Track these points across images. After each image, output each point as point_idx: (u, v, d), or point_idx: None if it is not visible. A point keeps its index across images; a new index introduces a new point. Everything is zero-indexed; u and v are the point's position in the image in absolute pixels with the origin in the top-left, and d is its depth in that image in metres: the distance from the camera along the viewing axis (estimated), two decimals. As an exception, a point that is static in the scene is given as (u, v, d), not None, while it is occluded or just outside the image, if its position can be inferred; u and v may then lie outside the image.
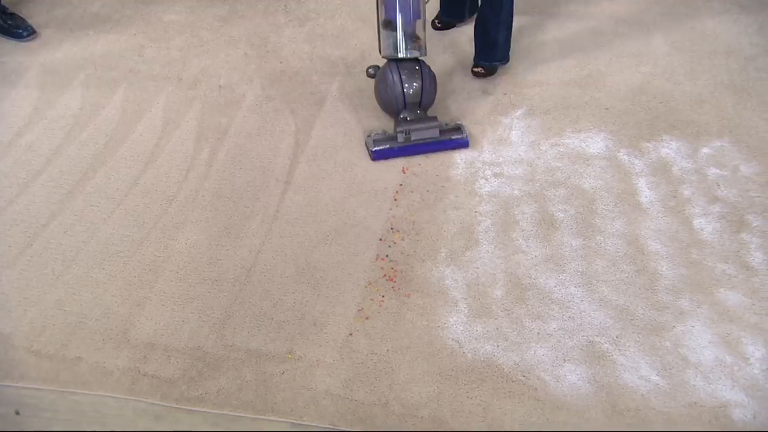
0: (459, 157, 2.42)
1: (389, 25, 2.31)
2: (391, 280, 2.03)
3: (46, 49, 2.94)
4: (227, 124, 2.59)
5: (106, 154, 2.45)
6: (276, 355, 1.84)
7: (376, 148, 2.39)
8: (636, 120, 2.55)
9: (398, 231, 2.17)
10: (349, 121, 2.60)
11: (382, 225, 2.20)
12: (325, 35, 3.05)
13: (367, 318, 1.93)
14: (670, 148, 2.42)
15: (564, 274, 2.03)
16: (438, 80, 2.57)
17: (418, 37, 2.34)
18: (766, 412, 1.67)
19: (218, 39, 3.03)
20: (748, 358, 1.79)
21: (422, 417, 1.70)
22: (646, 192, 2.27)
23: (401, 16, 2.31)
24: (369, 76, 2.53)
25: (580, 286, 2.00)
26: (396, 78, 2.36)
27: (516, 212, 2.23)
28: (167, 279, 2.03)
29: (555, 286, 2.00)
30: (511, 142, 2.49)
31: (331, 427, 1.68)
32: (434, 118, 2.41)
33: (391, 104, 2.41)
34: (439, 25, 3.05)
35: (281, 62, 2.90)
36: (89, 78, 2.80)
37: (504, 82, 2.71)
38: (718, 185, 2.27)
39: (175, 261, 2.09)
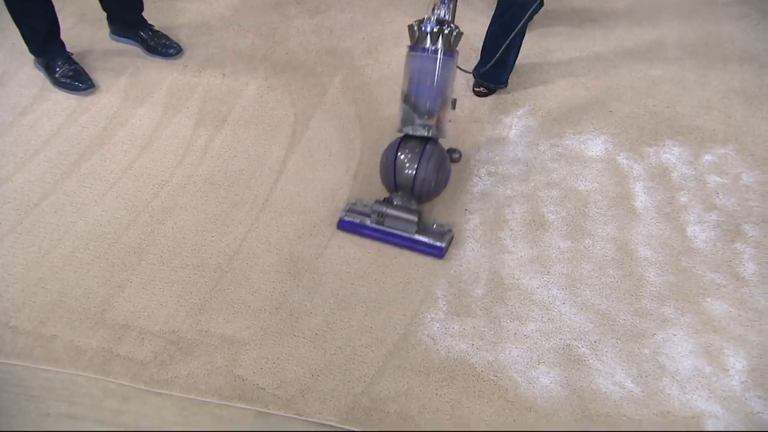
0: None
1: (406, 97, 2.05)
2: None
3: (57, 32, 2.97)
4: (227, 112, 2.60)
5: (104, 137, 2.47)
6: (249, 343, 1.84)
7: (345, 218, 2.12)
8: (639, 124, 2.50)
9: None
10: (349, 114, 2.59)
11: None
12: (333, 28, 3.04)
13: (344, 309, 1.92)
14: (671, 154, 2.37)
15: (548, 276, 2.00)
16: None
17: (433, 116, 2.03)
18: (740, 424, 1.62)
19: (228, 28, 3.04)
20: (728, 370, 1.74)
21: (389, 412, 1.69)
22: (641, 197, 2.22)
23: (417, 89, 2.01)
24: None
25: (563, 289, 1.96)
26: (392, 156, 2.06)
27: (506, 212, 2.20)
28: (150, 262, 2.04)
29: (537, 288, 1.97)
30: (509, 141, 2.46)
31: (294, 414, 1.67)
32: (417, 213, 2.05)
33: (385, 182, 2.13)
34: None
35: (287, 53, 2.90)
36: (95, 61, 2.83)
37: (509, 80, 2.68)
38: (717, 193, 2.22)
39: (159, 245, 2.10)
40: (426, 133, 2.03)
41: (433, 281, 1.99)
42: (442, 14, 2.02)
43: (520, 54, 2.61)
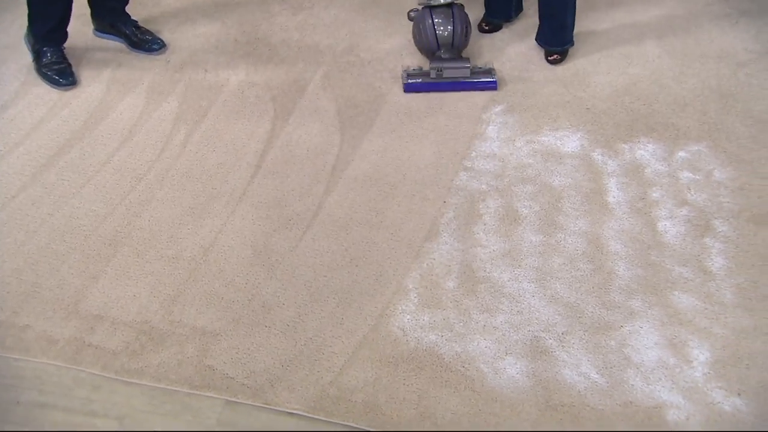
0: (428, 149, 2.41)
1: None
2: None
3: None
4: (207, 107, 2.62)
5: (84, 131, 2.49)
6: (220, 333, 1.86)
7: (410, 81, 2.60)
8: (616, 121, 2.52)
9: (361, 219, 2.18)
10: (329, 109, 2.62)
11: (345, 212, 2.20)
12: (317, 24, 3.06)
13: (316, 301, 1.94)
14: (645, 150, 2.39)
15: (519, 269, 2.02)
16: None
17: None
18: (700, 414, 1.65)
19: (211, 24, 3.06)
20: (692, 361, 1.76)
21: (356, 401, 1.71)
22: (614, 192, 2.24)
23: None
24: (410, 19, 2.75)
25: (533, 282, 1.98)
26: (429, 23, 2.57)
27: (480, 206, 2.22)
28: (125, 254, 2.06)
29: (508, 281, 1.99)
30: (486, 137, 2.48)
31: (262, 404, 1.70)
32: (467, 59, 2.60)
33: (427, 46, 2.63)
34: (486, 28, 2.98)
35: (270, 49, 2.92)
36: (79, 57, 2.85)
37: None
38: (689, 189, 2.24)
39: (135, 237, 2.12)
40: (449, 0, 2.60)
41: (406, 274, 2.02)
42: None
43: (499, 52, 2.65)
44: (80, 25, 2.99)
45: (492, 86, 2.60)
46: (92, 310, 1.91)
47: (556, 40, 2.75)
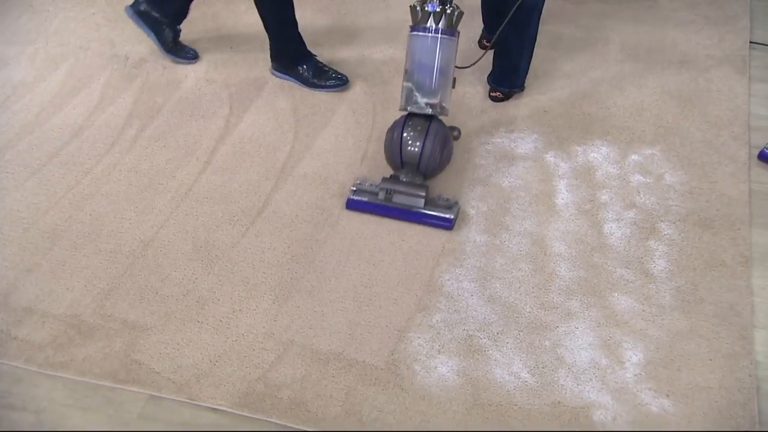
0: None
1: (409, 77, 2.11)
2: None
3: None
4: (162, 104, 2.60)
5: (35, 125, 2.47)
6: (151, 328, 1.83)
7: (353, 198, 2.16)
8: (572, 123, 2.51)
9: (306, 216, 2.16)
10: (285, 108, 2.60)
11: (291, 209, 2.18)
12: (281, 24, 3.04)
13: (253, 297, 1.92)
14: (599, 153, 2.38)
15: (460, 269, 2.00)
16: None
17: (436, 95, 2.10)
18: (627, 415, 1.62)
19: (174, 22, 3.03)
20: (624, 363, 1.74)
21: (281, 398, 1.68)
22: (563, 194, 2.23)
23: (420, 68, 2.09)
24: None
25: (473, 281, 1.96)
26: (398, 134, 2.11)
27: (428, 206, 2.20)
28: (63, 247, 2.04)
29: (448, 280, 1.97)
30: (440, 137, 2.45)
31: (186, 399, 1.67)
32: (424, 187, 2.11)
33: (391, 159, 2.18)
34: (487, 44, 2.91)
35: (231, 47, 2.91)
36: (38, 52, 2.83)
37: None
38: (638, 192, 2.22)
39: (75, 231, 2.09)
40: (430, 112, 2.10)
41: (347, 273, 1.99)
42: None
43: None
44: (42, 19, 2.97)
45: (446, 225, 2.09)
46: (22, 302, 1.88)
47: (505, 81, 2.58)
